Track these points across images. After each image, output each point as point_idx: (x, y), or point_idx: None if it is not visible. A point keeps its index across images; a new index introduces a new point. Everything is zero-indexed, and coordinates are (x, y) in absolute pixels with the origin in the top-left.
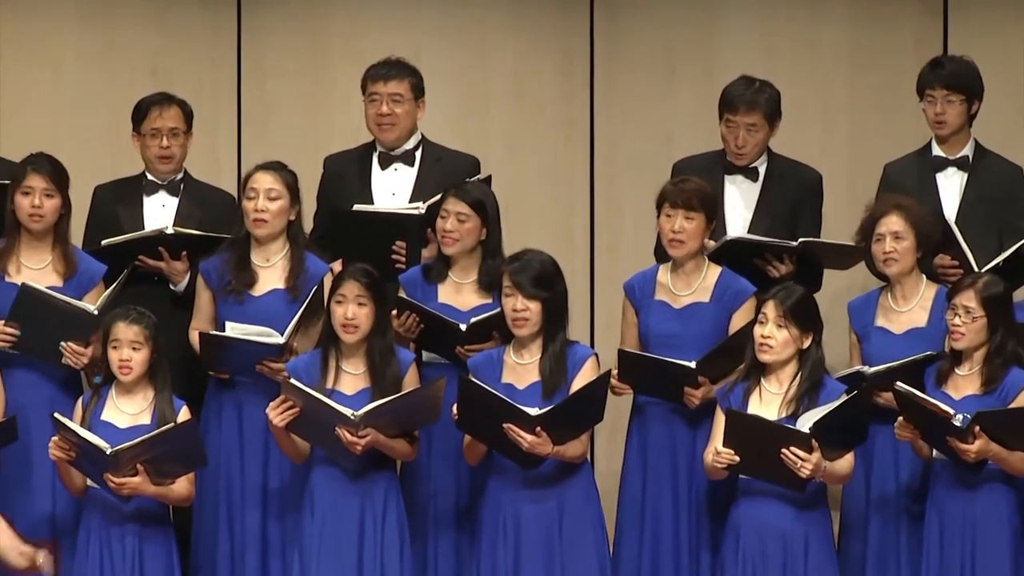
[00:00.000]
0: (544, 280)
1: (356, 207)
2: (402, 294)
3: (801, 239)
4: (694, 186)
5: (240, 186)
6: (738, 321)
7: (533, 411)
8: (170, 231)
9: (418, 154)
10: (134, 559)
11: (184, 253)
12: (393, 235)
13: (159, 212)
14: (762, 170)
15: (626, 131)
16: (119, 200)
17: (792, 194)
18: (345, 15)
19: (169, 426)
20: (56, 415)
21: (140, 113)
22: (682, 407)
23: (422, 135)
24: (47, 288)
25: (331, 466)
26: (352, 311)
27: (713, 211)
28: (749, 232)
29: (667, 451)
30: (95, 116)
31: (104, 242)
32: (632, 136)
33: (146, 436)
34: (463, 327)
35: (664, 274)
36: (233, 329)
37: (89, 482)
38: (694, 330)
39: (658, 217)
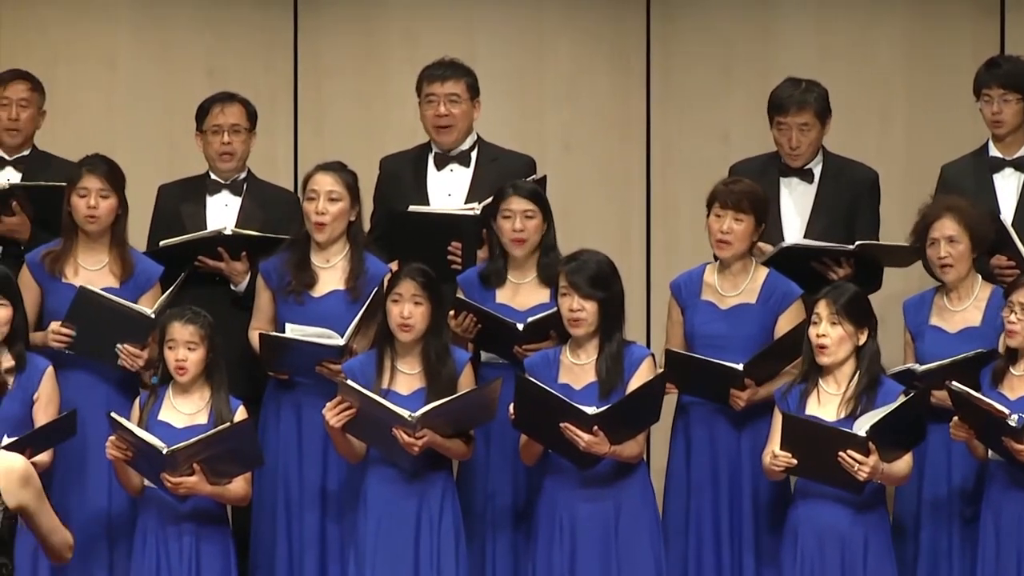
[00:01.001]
0: (600, 280)
1: (412, 208)
2: (460, 294)
3: (858, 242)
4: (745, 187)
5: (297, 185)
6: (784, 323)
7: (591, 410)
8: (228, 231)
9: (474, 155)
10: (191, 559)
11: (244, 253)
12: (449, 236)
13: (222, 212)
14: (817, 171)
15: (682, 131)
16: (182, 200)
17: (848, 194)
18: (401, 15)
19: (226, 425)
20: (113, 415)
21: (203, 111)
22: (725, 408)
23: (478, 135)
24: (104, 290)
25: (387, 467)
26: (408, 310)
27: (763, 214)
28: (806, 234)
29: (710, 452)
30: (151, 116)
31: (162, 243)
32: (688, 135)
33: (203, 435)
34: (520, 327)
35: (711, 274)
36: (293, 330)
37: (146, 482)
38: (740, 331)
39: (707, 216)
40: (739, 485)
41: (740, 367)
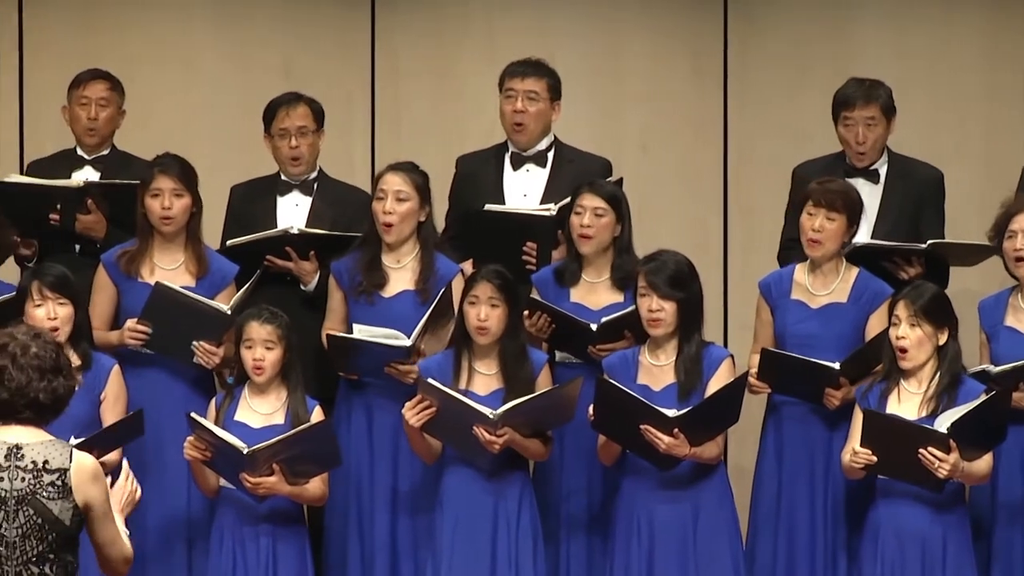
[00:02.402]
0: (679, 280)
1: (487, 207)
2: (535, 294)
3: (930, 241)
4: (839, 187)
5: (373, 183)
6: (876, 322)
7: (671, 412)
8: (294, 231)
9: (550, 155)
10: (268, 559)
11: (312, 253)
12: (524, 236)
13: (292, 211)
14: (883, 171)
15: (759, 130)
16: (253, 200)
17: (915, 194)
18: (479, 16)
19: (306, 426)
20: (192, 415)
21: (269, 114)
22: (818, 407)
23: (555, 136)
24: (181, 287)
25: (465, 466)
26: (485, 312)
27: (856, 214)
28: (873, 234)
29: (803, 451)
30: (229, 116)
31: (229, 242)
32: (765, 135)
33: (283, 436)
34: (594, 327)
35: (801, 273)
36: (360, 331)
37: (222, 482)
38: (831, 330)
39: (799, 215)
40: (832, 484)
41: (836, 366)
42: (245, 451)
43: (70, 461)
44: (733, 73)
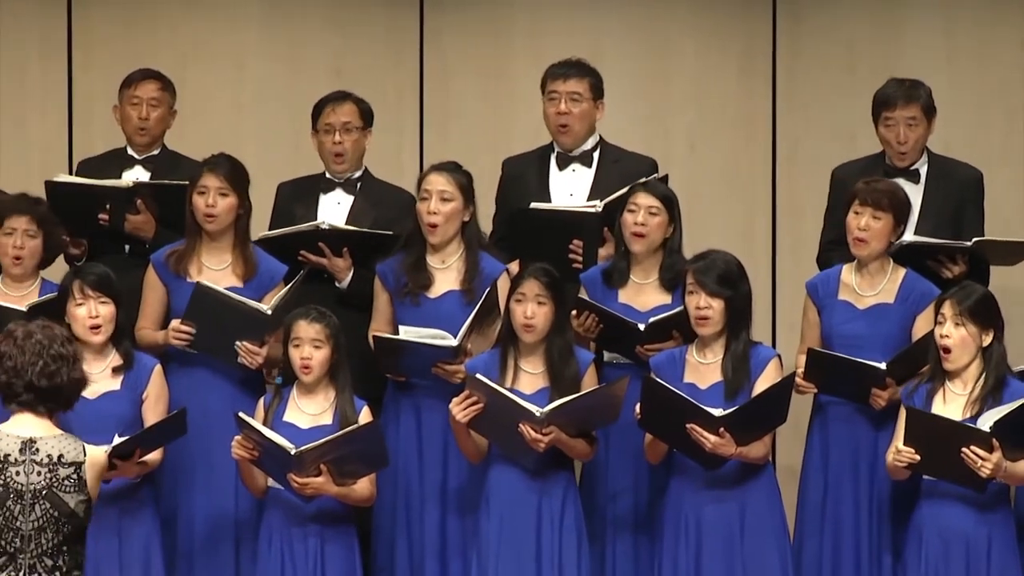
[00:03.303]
0: (728, 279)
1: (533, 205)
2: (583, 294)
3: (975, 239)
4: (885, 186)
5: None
6: (923, 323)
7: (717, 412)
8: (325, 226)
9: (596, 155)
10: (316, 560)
11: (346, 250)
12: (570, 234)
13: (334, 209)
14: (923, 171)
15: (808, 130)
16: (297, 198)
17: (955, 194)
18: (527, 16)
19: (354, 427)
20: (241, 415)
21: (317, 111)
22: (864, 407)
23: (600, 136)
24: (227, 289)
25: (510, 465)
26: (531, 310)
27: (903, 214)
28: (915, 234)
29: (849, 451)
30: (278, 116)
31: (260, 235)
32: (814, 135)
33: (331, 436)
34: (641, 327)
35: (848, 274)
36: (406, 332)
37: (270, 482)
38: (879, 331)
39: (838, 216)
40: (878, 484)
41: (883, 366)
42: (293, 452)
43: (84, 455)
44: (782, 73)
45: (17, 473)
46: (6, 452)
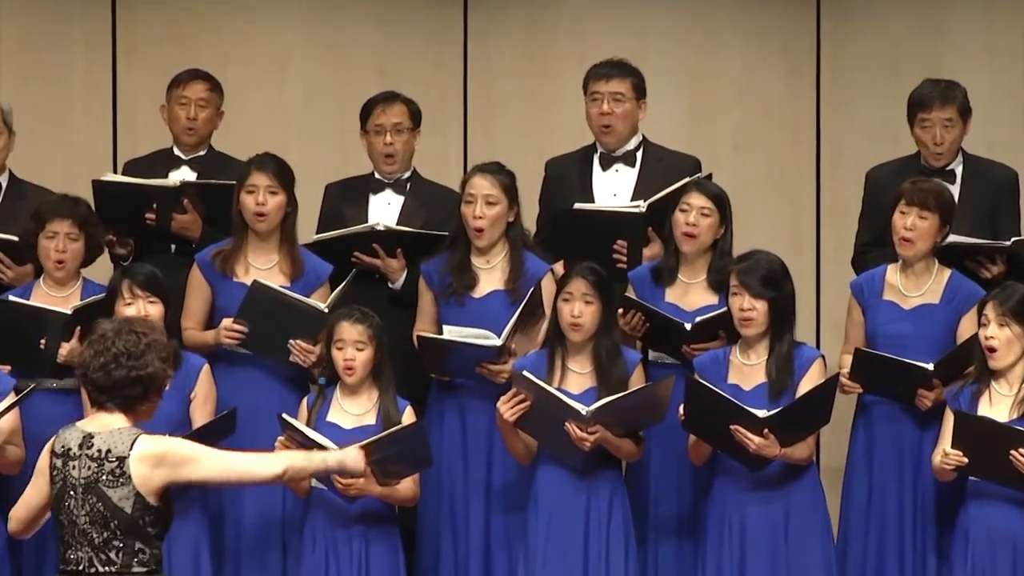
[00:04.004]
0: (772, 280)
1: (577, 206)
2: (631, 291)
3: (1014, 239)
4: (931, 186)
5: (461, 185)
6: (968, 324)
7: (761, 413)
8: (380, 227)
9: (639, 155)
10: (360, 561)
11: (400, 250)
12: (614, 234)
13: (384, 210)
14: (959, 171)
15: (852, 131)
16: (346, 198)
17: (991, 193)
18: (571, 16)
19: (398, 427)
20: (284, 415)
21: (366, 111)
22: (909, 406)
23: (643, 136)
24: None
25: (557, 465)
26: (579, 309)
27: (949, 214)
28: (951, 234)
29: (893, 451)
30: (322, 115)
31: (315, 237)
32: (858, 136)
33: (375, 437)
34: (688, 327)
35: (893, 274)
36: (450, 332)
37: (314, 482)
38: (924, 331)
39: (873, 217)
40: (923, 485)
41: (930, 367)
42: None
43: (130, 449)
44: (826, 74)
45: (73, 468)
46: (68, 446)
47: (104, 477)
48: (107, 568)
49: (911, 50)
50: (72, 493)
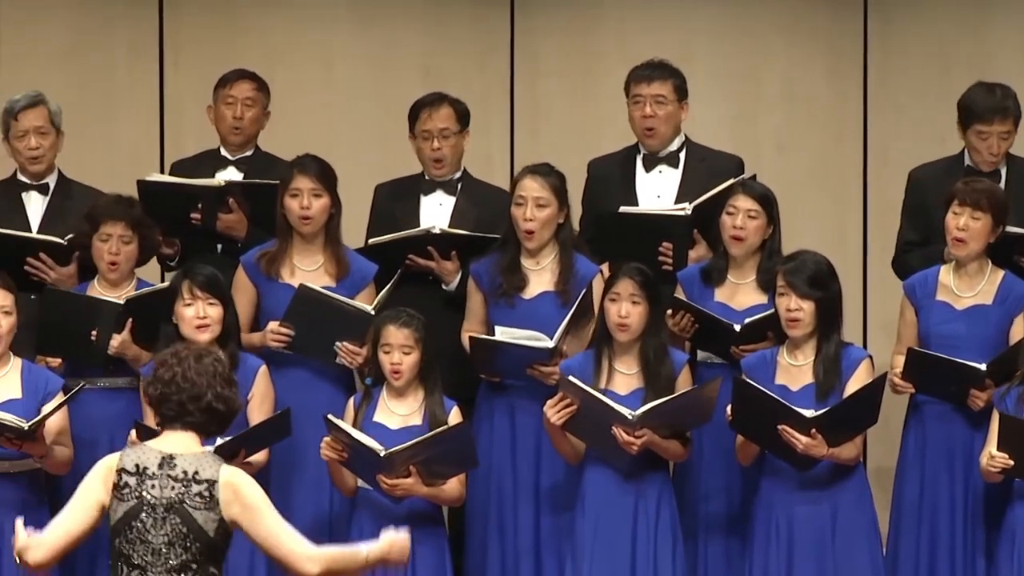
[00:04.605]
0: (819, 280)
1: (622, 209)
2: (680, 292)
3: None
4: (984, 186)
5: (511, 186)
6: (1021, 325)
7: (809, 413)
8: (436, 230)
9: (682, 155)
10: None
11: (454, 253)
12: (659, 237)
13: (435, 211)
14: (1003, 171)
15: (899, 131)
16: (397, 199)
17: None
18: (617, 15)
19: (443, 428)
20: (330, 417)
21: (413, 115)
22: (961, 407)
23: (686, 136)
24: (323, 288)
25: (605, 466)
26: (626, 309)
27: (1002, 214)
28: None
29: (945, 451)
30: (368, 116)
31: (371, 241)
32: (905, 136)
33: (420, 438)
34: (737, 327)
35: (946, 274)
36: (502, 333)
37: (360, 482)
38: (976, 332)
39: (915, 218)
40: (973, 485)
41: (983, 367)
42: (382, 453)
43: (219, 474)
44: (873, 74)
45: (152, 487)
46: (145, 465)
47: (190, 499)
48: None
49: (958, 50)
50: (149, 511)
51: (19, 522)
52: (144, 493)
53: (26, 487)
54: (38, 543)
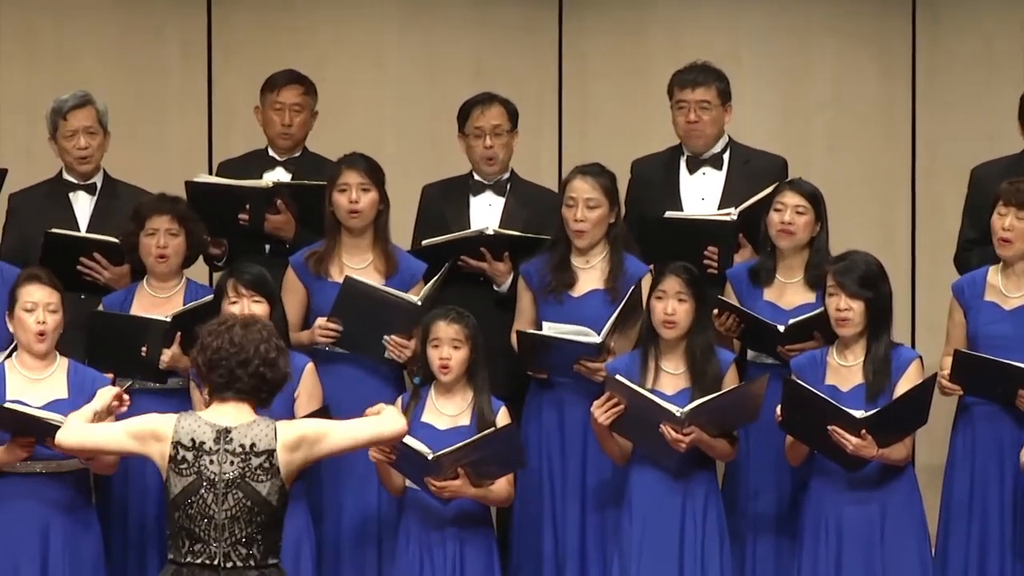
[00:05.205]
0: (869, 280)
1: (668, 214)
2: (728, 291)
3: None
4: None
5: (561, 187)
6: None
7: (859, 414)
8: (490, 231)
9: (726, 157)
10: (455, 563)
11: (506, 254)
12: (705, 241)
13: (485, 212)
14: None
15: (948, 131)
16: (446, 200)
17: None
18: (666, 16)
19: (491, 430)
20: None
21: (464, 113)
22: (1011, 408)
23: (729, 137)
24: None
25: (651, 466)
26: (672, 307)
27: None
28: None
29: (994, 451)
30: (417, 116)
31: (424, 242)
32: (954, 136)
33: (468, 441)
34: (781, 328)
35: (995, 275)
36: (550, 328)
37: (408, 482)
38: None
39: (977, 216)
40: (1022, 485)
41: None
42: (430, 456)
43: (276, 440)
44: (921, 73)
45: (211, 462)
46: (201, 440)
47: (251, 473)
48: (245, 563)
49: (1007, 49)
50: (209, 487)
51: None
52: (202, 469)
53: (73, 487)
54: (74, 430)
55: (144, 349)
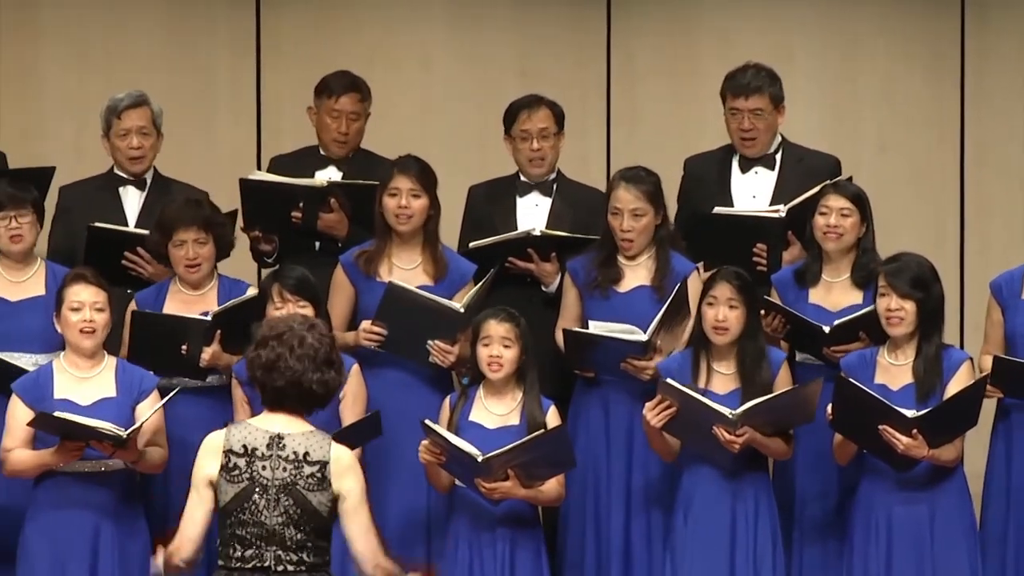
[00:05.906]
0: (920, 281)
1: (717, 210)
2: (774, 294)
3: None
4: None
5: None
6: None
7: (910, 413)
8: (537, 232)
9: (778, 157)
10: (504, 563)
11: (553, 254)
12: (753, 238)
13: (532, 212)
14: None
15: (997, 133)
16: (492, 200)
17: None
18: (715, 15)
19: (540, 432)
20: (427, 422)
21: (510, 116)
22: None
23: (782, 136)
24: (418, 288)
25: (704, 465)
26: (723, 313)
27: None
28: None
29: None
30: (464, 116)
31: (471, 244)
32: (1003, 138)
33: (518, 443)
34: (826, 329)
35: None
36: (596, 326)
37: (456, 481)
38: None
39: None
40: None
41: None
42: (480, 459)
43: (330, 453)
44: (970, 74)
45: (263, 468)
46: (253, 446)
47: (303, 480)
48: (296, 568)
49: None
50: (262, 492)
51: (158, 554)
52: (255, 474)
53: (120, 488)
54: (181, 543)
55: (184, 347)
